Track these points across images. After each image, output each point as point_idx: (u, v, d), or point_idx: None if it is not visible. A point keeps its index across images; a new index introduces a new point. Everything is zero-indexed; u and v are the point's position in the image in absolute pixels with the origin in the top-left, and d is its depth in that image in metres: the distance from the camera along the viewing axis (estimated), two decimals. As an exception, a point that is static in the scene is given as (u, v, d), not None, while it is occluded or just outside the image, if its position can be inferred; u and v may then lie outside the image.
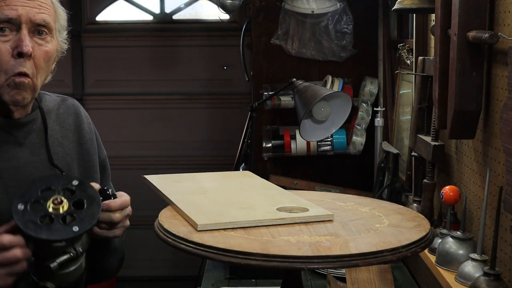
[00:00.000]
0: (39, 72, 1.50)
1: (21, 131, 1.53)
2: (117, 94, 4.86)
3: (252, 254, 1.24)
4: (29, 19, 1.46)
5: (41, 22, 1.48)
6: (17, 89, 1.45)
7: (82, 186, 1.36)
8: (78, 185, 1.36)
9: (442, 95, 1.92)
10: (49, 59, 1.54)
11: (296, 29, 3.52)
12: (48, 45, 1.52)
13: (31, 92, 1.49)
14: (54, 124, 1.62)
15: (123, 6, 4.89)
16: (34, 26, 1.48)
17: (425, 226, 1.44)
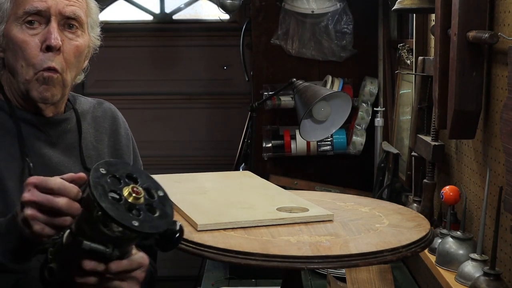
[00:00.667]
0: (69, 67, 1.45)
1: (54, 130, 1.48)
2: (117, 94, 4.85)
3: (252, 254, 1.24)
4: (59, 11, 1.41)
5: (71, 15, 1.43)
6: (45, 85, 1.41)
7: (165, 200, 1.20)
8: (163, 196, 1.20)
9: (442, 95, 1.92)
10: (79, 55, 1.48)
11: (296, 29, 3.52)
12: (78, 39, 1.47)
13: (61, 88, 1.44)
14: (89, 126, 1.58)
15: (123, 6, 4.89)
16: (64, 19, 1.43)
17: (425, 226, 1.44)
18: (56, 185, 1.11)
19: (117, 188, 1.14)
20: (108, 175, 1.15)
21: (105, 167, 1.16)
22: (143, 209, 1.15)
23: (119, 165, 1.19)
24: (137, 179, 1.19)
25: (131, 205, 1.14)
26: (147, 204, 1.17)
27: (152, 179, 1.22)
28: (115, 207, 1.11)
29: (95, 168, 1.14)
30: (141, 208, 1.15)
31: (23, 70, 1.40)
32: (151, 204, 1.17)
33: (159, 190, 1.21)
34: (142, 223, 1.12)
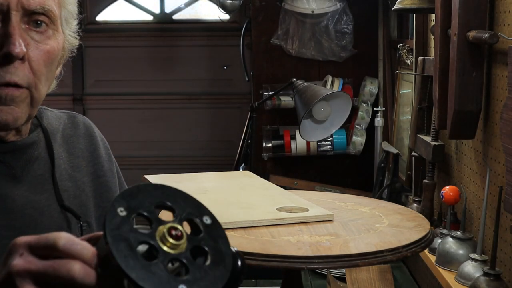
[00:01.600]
0: (39, 80, 1.07)
1: (18, 159, 1.10)
2: (117, 94, 4.86)
3: (252, 254, 1.24)
4: (21, 4, 1.01)
5: (38, 8, 1.03)
6: (4, 105, 1.02)
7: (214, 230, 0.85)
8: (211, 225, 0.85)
9: (442, 95, 1.92)
10: (51, 62, 1.10)
11: (296, 29, 3.52)
12: (49, 41, 1.07)
13: (27, 108, 1.06)
14: (60, 149, 1.20)
15: (123, 6, 4.89)
16: (29, 15, 1.03)
17: (425, 226, 1.44)
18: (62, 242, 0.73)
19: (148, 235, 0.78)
20: (131, 215, 0.78)
21: (123, 204, 0.79)
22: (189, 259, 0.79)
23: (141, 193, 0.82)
24: (172, 208, 0.84)
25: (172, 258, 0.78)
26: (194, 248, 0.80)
27: (191, 200, 0.88)
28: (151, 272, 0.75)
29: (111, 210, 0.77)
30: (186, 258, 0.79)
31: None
32: (199, 245, 0.81)
33: (204, 216, 0.87)
34: (195, 283, 0.77)
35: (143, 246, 0.76)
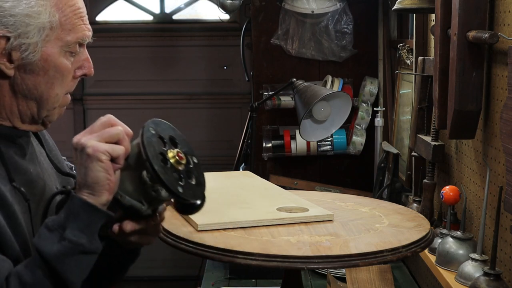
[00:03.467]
0: None
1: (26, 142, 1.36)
2: (117, 94, 4.86)
3: (252, 254, 1.24)
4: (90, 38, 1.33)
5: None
6: (64, 107, 1.35)
7: (198, 168, 1.25)
8: (196, 164, 1.25)
9: (442, 95, 1.92)
10: None
11: (296, 29, 3.52)
12: None
13: None
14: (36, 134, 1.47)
15: (123, 6, 4.89)
16: None
17: (425, 226, 1.44)
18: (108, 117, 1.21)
19: (163, 150, 1.18)
20: (156, 135, 1.18)
21: (153, 126, 1.19)
22: (184, 174, 1.19)
23: (163, 125, 1.23)
24: (177, 143, 1.23)
25: (175, 169, 1.18)
26: (187, 170, 1.20)
27: (189, 144, 1.26)
28: (165, 170, 1.15)
29: (147, 127, 1.18)
30: (182, 173, 1.19)
31: (56, 98, 1.30)
32: (189, 170, 1.21)
33: (194, 157, 1.24)
34: (185, 190, 1.18)
35: (160, 156, 1.15)
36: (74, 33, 1.27)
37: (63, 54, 1.27)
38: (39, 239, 1.15)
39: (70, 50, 1.28)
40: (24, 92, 1.27)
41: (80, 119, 4.84)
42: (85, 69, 1.33)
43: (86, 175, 1.15)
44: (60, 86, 1.29)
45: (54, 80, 1.28)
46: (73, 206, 1.15)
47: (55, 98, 1.30)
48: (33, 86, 1.27)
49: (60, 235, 1.14)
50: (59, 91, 1.30)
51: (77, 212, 1.14)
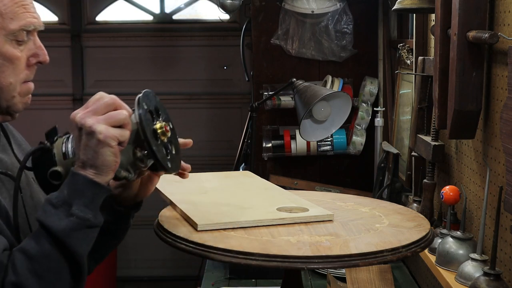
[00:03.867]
0: None
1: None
2: (117, 94, 4.81)
3: (252, 254, 1.24)
4: (39, 26, 1.36)
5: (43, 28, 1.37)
6: (28, 95, 1.38)
7: (174, 133, 1.36)
8: (173, 130, 1.35)
9: (442, 95, 1.92)
10: None
11: (296, 29, 3.52)
12: None
13: None
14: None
15: (123, 6, 4.89)
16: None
17: (425, 226, 1.44)
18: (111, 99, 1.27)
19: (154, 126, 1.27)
20: (147, 110, 1.26)
21: (145, 101, 1.27)
22: (167, 146, 1.29)
23: (150, 96, 1.30)
24: (160, 113, 1.30)
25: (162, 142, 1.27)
26: (169, 140, 1.29)
27: (165, 109, 1.34)
28: (158, 148, 1.25)
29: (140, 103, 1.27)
30: (166, 144, 1.29)
31: (10, 88, 1.33)
32: (170, 139, 1.31)
33: (170, 123, 1.32)
34: (172, 164, 1.30)
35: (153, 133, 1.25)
36: (16, 21, 1.31)
37: (8, 43, 1.31)
38: (45, 215, 1.19)
39: (16, 39, 1.31)
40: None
41: (80, 119, 4.83)
42: (40, 56, 1.36)
43: (95, 158, 1.21)
44: (13, 75, 1.32)
45: (4, 68, 1.31)
46: (77, 183, 1.21)
47: (10, 87, 1.33)
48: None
49: (66, 211, 1.19)
50: (13, 80, 1.33)
51: (81, 189, 1.21)
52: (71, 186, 1.21)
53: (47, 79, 4.50)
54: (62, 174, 1.27)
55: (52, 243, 1.18)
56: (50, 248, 1.18)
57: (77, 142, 1.24)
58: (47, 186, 1.28)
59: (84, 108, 1.25)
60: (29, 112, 1.60)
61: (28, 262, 1.17)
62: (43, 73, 4.06)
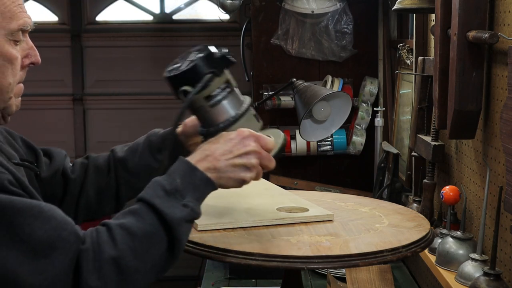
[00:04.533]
0: None
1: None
2: (117, 94, 4.86)
3: (252, 254, 1.24)
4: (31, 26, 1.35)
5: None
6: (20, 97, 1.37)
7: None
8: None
9: (442, 95, 1.92)
10: None
11: (296, 29, 3.52)
12: None
13: None
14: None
15: (123, 6, 4.89)
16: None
17: (425, 226, 1.44)
18: (270, 143, 1.35)
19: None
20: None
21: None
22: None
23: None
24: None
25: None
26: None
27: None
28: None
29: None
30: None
31: (10, 88, 1.32)
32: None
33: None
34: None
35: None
36: (15, 20, 1.30)
37: (8, 42, 1.30)
38: (157, 199, 1.19)
39: (14, 39, 1.31)
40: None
41: (80, 119, 4.84)
42: (32, 57, 1.35)
43: (230, 171, 1.26)
44: (12, 75, 1.31)
45: (4, 69, 1.30)
46: (195, 178, 1.23)
47: (9, 88, 1.32)
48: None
49: (179, 200, 1.20)
50: (11, 80, 1.32)
51: (198, 185, 1.23)
52: (187, 178, 1.23)
53: (47, 79, 4.50)
54: (190, 102, 1.29)
55: (159, 227, 1.17)
56: (156, 230, 1.17)
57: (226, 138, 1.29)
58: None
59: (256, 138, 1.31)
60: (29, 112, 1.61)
61: (130, 239, 1.15)
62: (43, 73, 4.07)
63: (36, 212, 1.12)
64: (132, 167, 1.57)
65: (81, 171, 1.59)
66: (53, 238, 1.11)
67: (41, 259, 1.09)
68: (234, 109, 1.34)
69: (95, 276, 1.11)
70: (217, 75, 1.30)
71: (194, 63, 1.29)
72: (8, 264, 1.08)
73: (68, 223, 1.14)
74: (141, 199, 1.21)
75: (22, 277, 1.08)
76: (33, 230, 1.10)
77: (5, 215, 1.10)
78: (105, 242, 1.14)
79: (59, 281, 1.09)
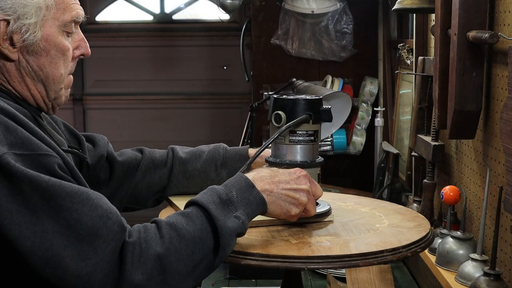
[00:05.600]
0: None
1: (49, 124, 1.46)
2: (117, 94, 4.86)
3: (252, 254, 1.24)
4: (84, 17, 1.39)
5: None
6: (69, 88, 1.41)
7: None
8: None
9: (442, 95, 1.92)
10: None
11: (296, 29, 3.52)
12: None
13: None
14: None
15: (123, 6, 4.89)
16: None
17: (425, 226, 1.44)
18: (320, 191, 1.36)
19: None
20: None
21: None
22: None
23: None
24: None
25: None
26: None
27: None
28: None
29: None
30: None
31: (61, 79, 1.35)
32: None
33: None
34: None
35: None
36: (69, 11, 1.33)
37: (61, 34, 1.32)
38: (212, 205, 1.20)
39: (67, 30, 1.33)
40: (31, 74, 1.31)
41: (80, 119, 4.84)
42: (82, 49, 1.38)
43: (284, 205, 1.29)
44: (64, 66, 1.34)
45: (57, 59, 1.32)
46: (250, 195, 1.25)
47: (61, 78, 1.34)
48: (38, 67, 1.31)
49: (232, 212, 1.21)
50: (63, 71, 1.34)
51: (251, 202, 1.24)
52: (243, 193, 1.24)
53: (47, 79, 4.50)
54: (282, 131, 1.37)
55: (209, 233, 1.18)
56: (204, 236, 1.17)
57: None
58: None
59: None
60: (29, 112, 1.60)
61: (177, 240, 1.15)
62: (43, 73, 4.05)
63: (84, 199, 1.13)
64: (191, 170, 1.61)
65: (132, 158, 1.62)
66: (98, 226, 1.11)
67: (85, 246, 1.10)
68: (305, 157, 1.40)
69: (140, 270, 1.11)
70: (312, 119, 1.38)
71: (301, 98, 1.38)
72: (54, 247, 1.09)
73: (113, 213, 1.14)
74: (195, 203, 1.21)
75: (65, 261, 1.09)
76: (80, 216, 1.11)
77: (54, 199, 1.11)
78: (153, 239, 1.14)
79: (101, 269, 1.09)
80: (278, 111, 1.38)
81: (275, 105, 1.39)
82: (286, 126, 1.36)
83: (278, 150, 1.41)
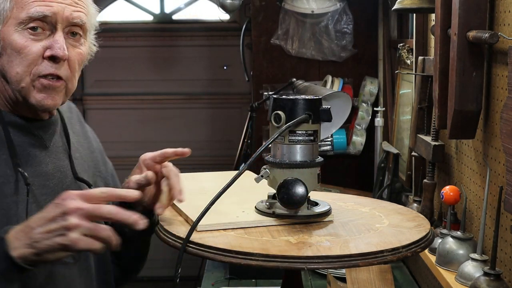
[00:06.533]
0: (74, 75, 1.37)
1: (46, 133, 1.40)
2: (117, 94, 4.86)
3: (252, 254, 1.24)
4: (66, 17, 1.31)
5: (78, 21, 1.33)
6: (45, 93, 1.32)
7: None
8: None
9: (442, 95, 1.92)
10: (82, 63, 1.40)
11: (296, 29, 3.52)
12: (82, 47, 1.38)
13: (64, 96, 1.37)
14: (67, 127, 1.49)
15: (123, 6, 4.89)
16: (69, 26, 1.33)
17: (425, 226, 1.44)
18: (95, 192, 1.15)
19: None
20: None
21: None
22: None
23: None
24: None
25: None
26: None
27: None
28: None
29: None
30: None
31: (17, 77, 1.30)
32: None
33: None
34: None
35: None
36: (26, 9, 1.29)
37: (18, 32, 1.30)
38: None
39: (27, 28, 1.30)
40: (1, 74, 1.33)
41: (80, 119, 4.84)
42: (53, 49, 1.30)
43: (57, 239, 1.11)
44: (20, 65, 1.30)
45: (13, 58, 1.30)
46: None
47: (16, 77, 1.31)
48: (1, 67, 1.32)
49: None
50: (19, 70, 1.30)
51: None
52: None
53: (47, 79, 4.50)
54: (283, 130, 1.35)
55: None
56: None
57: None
58: None
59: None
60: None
61: None
62: (43, 73, 4.05)
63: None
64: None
65: None
66: None
67: None
68: (305, 157, 1.38)
69: None
70: (311, 119, 1.37)
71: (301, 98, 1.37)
72: None
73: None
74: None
75: None
76: None
77: None
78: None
79: None
80: (277, 111, 1.38)
81: (274, 105, 1.39)
82: (286, 126, 1.36)
83: (277, 150, 1.41)
